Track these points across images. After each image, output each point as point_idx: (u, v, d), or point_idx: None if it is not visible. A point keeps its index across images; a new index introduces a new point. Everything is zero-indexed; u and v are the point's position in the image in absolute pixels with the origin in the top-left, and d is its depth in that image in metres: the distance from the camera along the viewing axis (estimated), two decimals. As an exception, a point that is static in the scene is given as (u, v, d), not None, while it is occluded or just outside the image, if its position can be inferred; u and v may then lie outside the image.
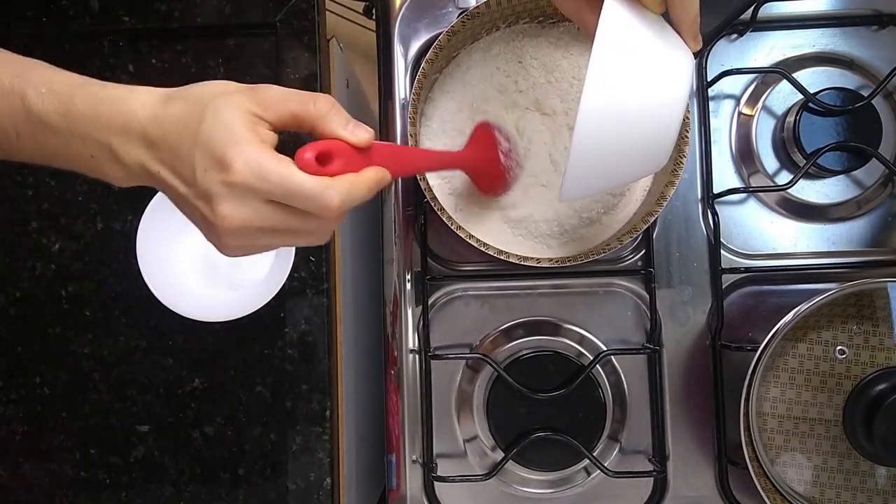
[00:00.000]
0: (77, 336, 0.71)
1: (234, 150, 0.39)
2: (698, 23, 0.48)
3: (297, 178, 0.40)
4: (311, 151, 0.41)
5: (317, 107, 0.42)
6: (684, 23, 0.47)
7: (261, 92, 0.41)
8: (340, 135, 0.42)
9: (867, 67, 0.69)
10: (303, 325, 0.69)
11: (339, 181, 0.42)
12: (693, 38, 0.49)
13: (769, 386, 0.61)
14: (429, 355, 0.67)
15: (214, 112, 0.40)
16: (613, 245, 0.61)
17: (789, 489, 0.61)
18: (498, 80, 0.66)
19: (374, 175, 0.44)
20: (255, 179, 0.39)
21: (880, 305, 0.60)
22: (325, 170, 0.41)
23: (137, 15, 0.71)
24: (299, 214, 0.42)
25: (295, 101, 0.42)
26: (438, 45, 0.61)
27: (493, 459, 0.68)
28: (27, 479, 0.70)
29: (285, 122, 0.42)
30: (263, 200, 0.41)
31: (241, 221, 0.41)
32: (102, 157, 0.42)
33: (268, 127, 0.41)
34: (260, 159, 0.39)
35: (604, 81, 0.45)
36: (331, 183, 0.41)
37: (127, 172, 0.43)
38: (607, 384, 0.68)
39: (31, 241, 0.71)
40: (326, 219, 0.42)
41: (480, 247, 0.60)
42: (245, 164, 0.39)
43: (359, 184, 0.43)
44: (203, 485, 0.70)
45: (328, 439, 0.68)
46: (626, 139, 0.47)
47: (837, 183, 0.68)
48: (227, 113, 0.40)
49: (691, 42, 0.49)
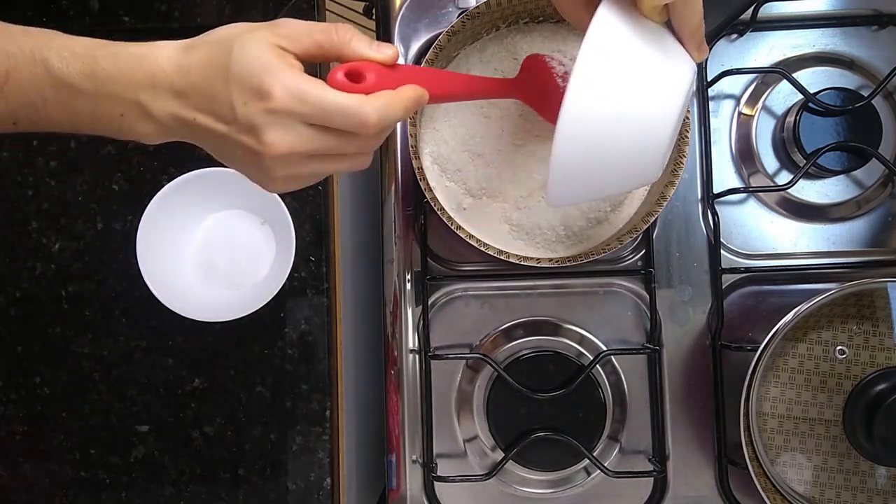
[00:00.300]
0: (77, 336, 0.71)
1: (271, 77, 0.40)
2: (702, 32, 0.47)
3: (334, 96, 0.41)
4: (341, 71, 0.42)
5: (339, 35, 0.43)
6: (686, 31, 0.47)
7: (283, 26, 0.42)
8: (366, 54, 0.43)
9: (867, 67, 0.69)
10: (303, 325, 0.69)
11: (375, 97, 0.42)
12: (696, 48, 0.47)
13: (769, 386, 0.61)
14: (429, 355, 0.67)
15: (241, 47, 0.40)
16: (613, 245, 0.61)
17: (789, 489, 0.61)
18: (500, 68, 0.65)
19: (412, 92, 0.44)
20: (296, 103, 0.40)
21: (880, 305, 0.60)
22: (358, 87, 0.42)
23: (137, 15, 0.71)
24: (340, 135, 0.42)
25: (319, 32, 0.42)
26: (438, 45, 0.61)
27: (493, 459, 0.68)
28: (27, 479, 0.70)
29: (311, 52, 0.42)
30: (306, 124, 0.41)
31: (288, 147, 0.41)
32: (132, 114, 0.42)
33: (294, 58, 0.42)
34: (297, 82, 0.40)
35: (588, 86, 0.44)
36: (366, 99, 0.41)
37: (158, 127, 0.43)
38: (607, 384, 0.69)
39: (31, 241, 0.71)
40: (365, 136, 0.42)
41: (480, 247, 0.60)
42: (284, 89, 0.40)
43: (395, 99, 0.43)
44: (203, 485, 0.70)
45: (328, 439, 0.68)
46: (612, 149, 0.47)
47: (837, 183, 0.68)
48: (254, 46, 0.40)
49: (695, 52, 0.47)
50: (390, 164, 0.70)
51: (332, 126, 0.41)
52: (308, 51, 0.42)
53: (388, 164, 0.70)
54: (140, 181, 0.71)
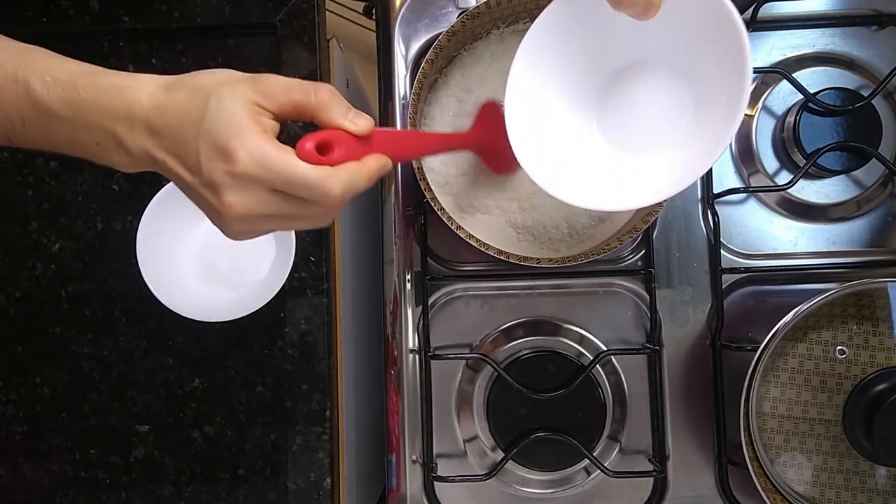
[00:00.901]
0: (77, 336, 0.71)
1: (238, 141, 0.40)
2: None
3: (299, 168, 0.41)
4: (311, 142, 0.41)
5: (318, 97, 0.43)
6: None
7: (262, 82, 0.42)
8: (341, 124, 0.43)
9: (867, 67, 0.69)
10: (303, 325, 0.69)
11: (341, 171, 0.42)
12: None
13: (769, 386, 0.61)
14: (429, 355, 0.67)
15: (218, 102, 0.40)
16: (613, 245, 0.61)
17: (789, 489, 0.61)
18: (498, 80, 0.65)
19: (376, 163, 0.45)
20: (259, 170, 0.40)
21: (880, 305, 0.60)
22: (325, 159, 0.42)
23: (137, 15, 0.71)
24: (302, 202, 0.42)
25: (296, 91, 0.42)
26: (438, 45, 0.61)
27: (493, 459, 0.68)
28: (27, 479, 0.70)
29: (287, 111, 0.42)
30: (267, 189, 0.41)
31: (246, 210, 0.41)
32: (108, 144, 0.42)
33: (270, 116, 0.42)
34: (263, 150, 0.40)
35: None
36: (332, 172, 0.42)
37: (132, 159, 0.43)
38: (607, 384, 0.69)
39: (31, 241, 0.71)
40: (329, 206, 0.43)
41: (480, 247, 0.60)
42: (249, 155, 0.40)
43: (360, 172, 0.43)
44: (203, 485, 0.70)
45: (328, 439, 0.68)
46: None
47: (837, 183, 0.68)
48: (229, 103, 0.40)
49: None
50: (390, 164, 0.70)
51: (294, 195, 0.42)
52: (284, 109, 0.42)
53: (388, 164, 0.70)
54: (140, 181, 0.71)
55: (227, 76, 0.42)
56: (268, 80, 0.42)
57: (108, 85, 0.42)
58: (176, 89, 0.42)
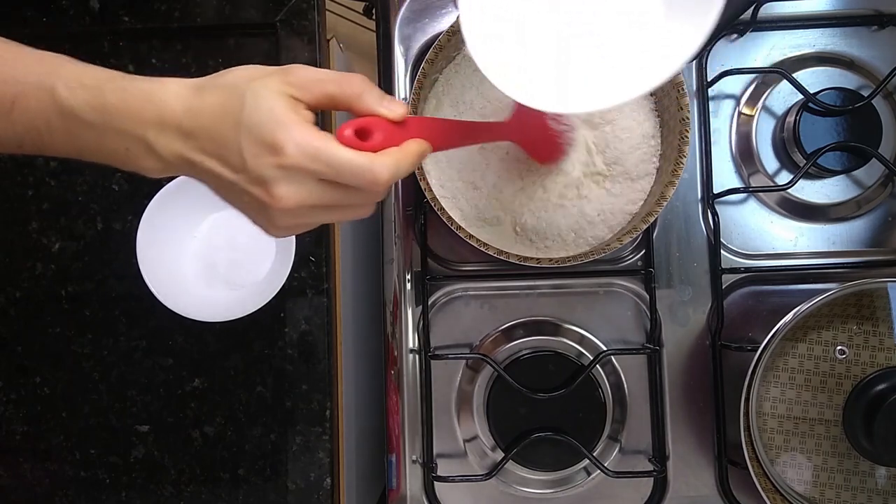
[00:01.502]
0: (77, 336, 0.71)
1: (284, 134, 0.40)
2: None
3: (346, 155, 0.41)
4: (350, 128, 0.42)
5: (352, 87, 0.43)
6: None
7: (295, 74, 0.42)
8: (377, 111, 0.43)
9: (867, 67, 0.69)
10: (303, 325, 0.69)
11: (385, 156, 0.42)
12: None
13: (769, 386, 0.61)
14: (429, 355, 0.67)
15: (254, 97, 0.40)
16: (613, 245, 0.61)
17: (789, 489, 0.61)
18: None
19: (417, 147, 0.45)
20: (308, 160, 0.40)
21: (880, 305, 0.60)
22: (367, 144, 0.42)
23: (137, 15, 0.71)
24: (348, 189, 0.42)
25: (331, 83, 0.42)
26: (438, 45, 0.61)
27: (493, 459, 0.68)
28: (27, 479, 0.70)
29: (321, 103, 0.43)
30: (316, 179, 0.41)
31: (297, 201, 0.41)
32: (138, 149, 0.42)
33: (305, 107, 0.42)
34: (310, 139, 0.40)
35: None
36: (377, 158, 0.42)
37: (163, 164, 0.43)
38: (607, 384, 0.69)
39: (31, 241, 0.71)
40: (374, 192, 0.43)
41: (480, 247, 0.60)
42: (296, 146, 0.40)
43: (404, 156, 0.43)
44: (203, 485, 0.70)
45: (328, 439, 0.68)
46: None
47: (837, 183, 0.69)
48: (266, 98, 0.40)
49: None
50: (390, 164, 0.70)
51: (342, 182, 0.42)
52: (319, 101, 0.42)
53: (388, 164, 0.70)
54: (140, 181, 0.71)
55: (257, 71, 0.42)
56: (299, 71, 0.42)
57: (135, 89, 0.42)
58: (207, 90, 0.42)
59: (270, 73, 0.42)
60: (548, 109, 0.47)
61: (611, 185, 0.65)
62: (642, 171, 0.65)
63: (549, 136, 0.60)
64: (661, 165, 0.64)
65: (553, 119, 0.60)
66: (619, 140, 0.64)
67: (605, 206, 0.65)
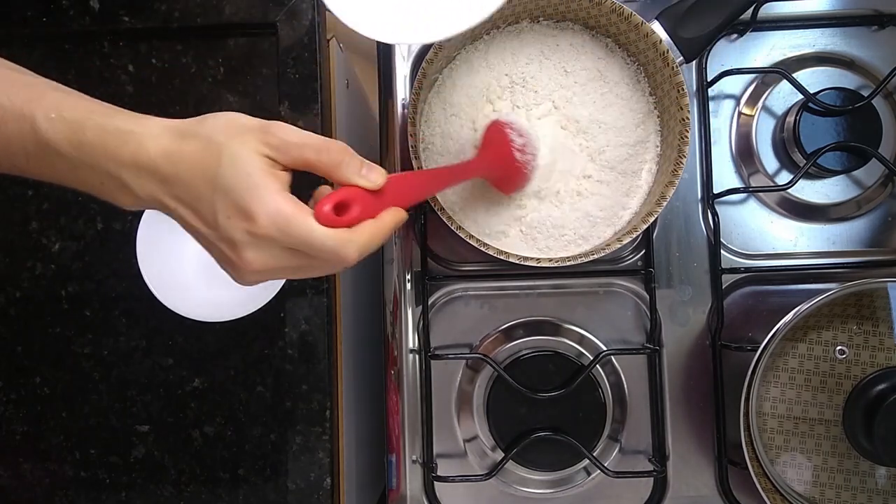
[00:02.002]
0: (77, 336, 0.71)
1: (257, 202, 0.40)
2: None
3: (317, 233, 0.41)
4: (329, 204, 0.42)
5: (330, 156, 0.43)
6: None
7: (275, 135, 0.42)
8: (356, 182, 0.44)
9: (867, 67, 0.69)
10: (303, 325, 0.69)
11: (359, 234, 0.43)
12: None
13: (769, 386, 0.61)
14: (429, 355, 0.67)
15: (231, 158, 0.41)
16: (613, 245, 0.61)
17: (789, 489, 0.61)
18: (498, 79, 0.66)
19: (392, 219, 0.45)
20: (278, 233, 0.41)
21: (880, 305, 0.60)
22: (343, 220, 0.42)
23: (137, 15, 0.71)
24: (316, 259, 0.43)
25: (310, 149, 0.43)
26: (438, 44, 0.61)
27: (493, 459, 0.68)
28: (27, 479, 0.70)
29: (299, 166, 0.43)
30: (284, 247, 0.42)
31: (263, 265, 0.42)
32: (112, 185, 0.43)
33: (282, 168, 0.42)
34: (282, 212, 0.40)
35: None
36: (350, 237, 0.42)
37: (138, 201, 0.43)
38: (607, 384, 0.69)
39: (31, 241, 0.71)
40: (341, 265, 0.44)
41: (480, 247, 0.60)
42: (268, 217, 0.40)
43: (378, 231, 0.44)
44: (203, 485, 0.70)
45: (328, 439, 0.68)
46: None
47: (837, 183, 0.69)
48: (245, 161, 0.41)
49: None
50: (390, 164, 0.70)
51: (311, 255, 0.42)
52: (297, 165, 0.43)
53: (389, 165, 0.70)
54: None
55: (237, 124, 0.42)
56: (279, 132, 0.42)
57: (114, 128, 0.42)
58: (187, 139, 0.42)
59: (251, 129, 0.42)
60: (395, 41, 0.52)
61: (610, 186, 0.65)
62: (642, 171, 0.65)
63: (515, 169, 0.61)
64: (661, 165, 0.64)
65: (519, 150, 0.60)
66: (619, 141, 0.64)
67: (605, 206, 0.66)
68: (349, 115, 0.78)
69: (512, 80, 0.65)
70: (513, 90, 0.65)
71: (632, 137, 0.65)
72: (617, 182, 0.65)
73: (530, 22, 0.66)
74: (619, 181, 0.65)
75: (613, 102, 0.65)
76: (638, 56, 0.64)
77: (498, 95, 0.65)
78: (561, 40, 0.66)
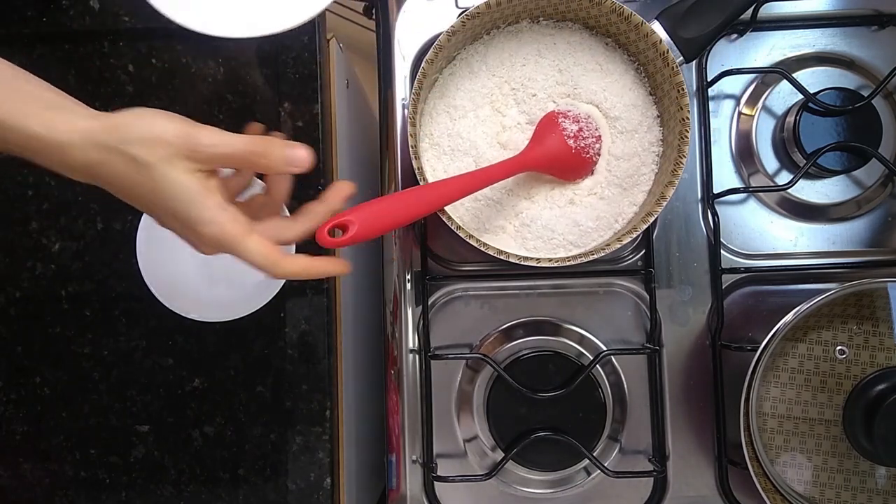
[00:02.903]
0: (77, 336, 0.71)
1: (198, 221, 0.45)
2: None
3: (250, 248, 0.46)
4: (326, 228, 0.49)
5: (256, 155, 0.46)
6: None
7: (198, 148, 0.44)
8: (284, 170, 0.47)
9: (867, 67, 0.69)
10: (303, 325, 0.69)
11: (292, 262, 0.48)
12: None
13: (769, 386, 0.61)
14: (429, 355, 0.67)
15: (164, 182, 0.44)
16: (613, 245, 0.61)
17: (789, 489, 0.61)
18: (498, 79, 0.66)
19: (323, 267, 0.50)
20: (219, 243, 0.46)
21: (880, 305, 0.60)
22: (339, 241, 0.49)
23: (137, 15, 0.71)
24: None
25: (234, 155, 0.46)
26: (438, 45, 0.61)
27: (493, 459, 0.68)
28: (27, 479, 0.70)
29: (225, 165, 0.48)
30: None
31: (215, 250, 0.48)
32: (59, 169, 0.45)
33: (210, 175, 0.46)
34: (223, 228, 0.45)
35: None
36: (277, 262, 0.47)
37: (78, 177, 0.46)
38: (607, 384, 0.69)
39: (31, 241, 0.71)
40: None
41: (480, 247, 0.60)
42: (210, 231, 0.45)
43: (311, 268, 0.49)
44: (203, 485, 0.70)
45: (328, 439, 0.68)
46: None
47: (837, 183, 0.69)
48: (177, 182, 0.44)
49: None
50: (390, 164, 0.70)
51: None
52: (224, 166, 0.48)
53: (388, 165, 0.70)
54: (140, 181, 0.70)
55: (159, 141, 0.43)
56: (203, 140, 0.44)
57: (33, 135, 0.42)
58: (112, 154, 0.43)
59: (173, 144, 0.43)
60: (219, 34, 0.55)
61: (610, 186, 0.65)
62: (642, 171, 0.65)
63: (572, 157, 0.62)
64: (661, 165, 0.64)
65: (573, 138, 0.61)
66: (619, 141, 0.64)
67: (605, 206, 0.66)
68: (349, 115, 0.78)
69: (513, 78, 0.65)
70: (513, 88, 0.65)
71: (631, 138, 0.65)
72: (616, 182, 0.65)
73: (530, 22, 0.66)
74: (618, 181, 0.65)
75: (613, 102, 0.65)
76: (638, 56, 0.64)
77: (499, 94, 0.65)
78: (559, 40, 0.66)
